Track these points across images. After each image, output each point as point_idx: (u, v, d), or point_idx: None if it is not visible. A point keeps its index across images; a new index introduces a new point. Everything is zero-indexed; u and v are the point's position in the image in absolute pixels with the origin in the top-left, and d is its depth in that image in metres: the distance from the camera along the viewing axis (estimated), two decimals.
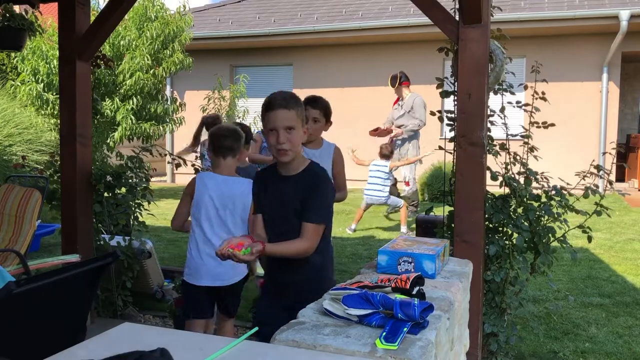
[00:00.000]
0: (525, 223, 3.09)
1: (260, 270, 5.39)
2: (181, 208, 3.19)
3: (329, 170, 3.36)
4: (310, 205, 2.33)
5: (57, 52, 4.34)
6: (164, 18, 10.37)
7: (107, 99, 9.64)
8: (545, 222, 3.16)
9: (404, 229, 7.53)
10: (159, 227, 7.48)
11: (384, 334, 1.50)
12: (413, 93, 8.37)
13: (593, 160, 3.71)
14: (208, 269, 3.04)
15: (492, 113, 3.16)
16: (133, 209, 4.17)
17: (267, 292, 2.61)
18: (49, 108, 9.39)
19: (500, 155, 3.21)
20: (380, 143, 7.91)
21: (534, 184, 3.19)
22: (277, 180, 2.45)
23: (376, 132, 8.23)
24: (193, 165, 4.36)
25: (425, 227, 4.59)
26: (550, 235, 3.14)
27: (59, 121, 4.09)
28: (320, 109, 3.37)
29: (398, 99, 8.47)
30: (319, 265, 2.44)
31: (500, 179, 3.16)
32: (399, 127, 8.38)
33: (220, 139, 3.11)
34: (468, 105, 2.92)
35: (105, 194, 4.07)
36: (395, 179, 7.93)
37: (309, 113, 3.29)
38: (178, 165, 4.30)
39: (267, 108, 2.33)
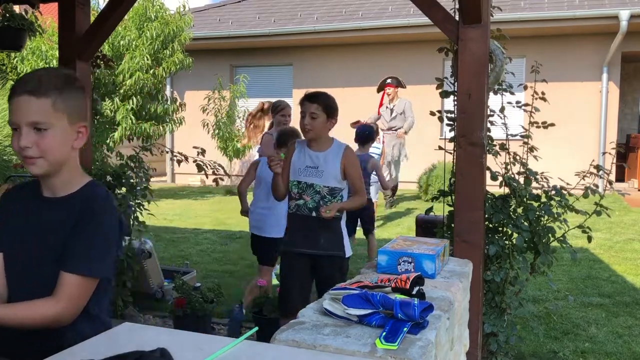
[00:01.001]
0: (525, 223, 3.09)
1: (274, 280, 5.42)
2: (247, 176, 4.40)
3: (337, 175, 3.10)
4: (75, 246, 1.54)
5: (57, 52, 4.34)
6: (163, 18, 10.38)
7: (107, 99, 9.64)
8: (545, 222, 3.15)
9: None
10: (159, 227, 7.48)
11: (384, 334, 1.50)
12: (402, 97, 9.07)
13: (593, 160, 3.71)
14: (251, 221, 4.28)
15: (492, 113, 3.16)
16: (133, 208, 4.16)
17: None
18: None
19: (500, 155, 3.21)
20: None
21: (534, 184, 3.19)
22: (37, 204, 1.65)
23: (357, 124, 8.65)
24: (195, 161, 4.35)
25: (425, 227, 4.58)
26: (550, 235, 3.14)
27: None
28: (318, 102, 3.08)
29: (383, 102, 9.05)
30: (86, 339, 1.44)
31: (500, 179, 3.16)
32: (391, 128, 9.08)
33: (283, 137, 4.34)
34: (468, 105, 2.92)
35: None
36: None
37: (306, 108, 3.10)
38: (180, 162, 4.28)
39: (11, 93, 1.55)
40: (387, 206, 9.28)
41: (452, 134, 3.11)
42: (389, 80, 9.26)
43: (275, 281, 5.39)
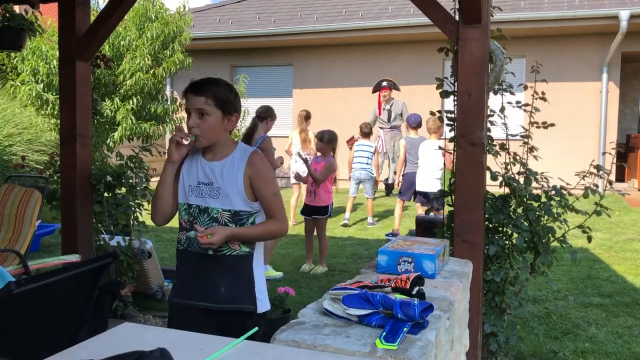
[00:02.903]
0: (525, 223, 3.10)
1: (274, 273, 5.48)
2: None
3: (240, 192, 2.24)
4: None
5: (57, 52, 4.34)
6: (164, 18, 10.37)
7: (107, 99, 9.64)
8: (545, 222, 3.16)
9: (370, 219, 8.16)
10: (159, 227, 7.47)
11: (384, 334, 1.50)
12: (396, 99, 9.48)
13: (593, 160, 3.71)
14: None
15: (492, 113, 3.17)
16: (133, 208, 4.17)
17: None
18: (49, 108, 9.39)
19: (500, 155, 3.21)
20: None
21: (534, 184, 3.19)
22: None
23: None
24: None
25: (425, 227, 4.58)
26: (550, 235, 3.14)
27: (59, 121, 4.09)
28: (207, 95, 2.21)
29: (380, 104, 9.30)
30: None
31: (500, 179, 3.17)
32: (394, 127, 9.42)
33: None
34: (468, 105, 2.92)
35: (105, 194, 4.07)
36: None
37: (191, 103, 2.23)
38: None
39: None
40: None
41: (452, 134, 3.11)
42: (384, 84, 9.37)
43: (272, 272, 5.46)
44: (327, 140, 5.83)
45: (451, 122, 3.15)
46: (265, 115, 5.55)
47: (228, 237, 2.20)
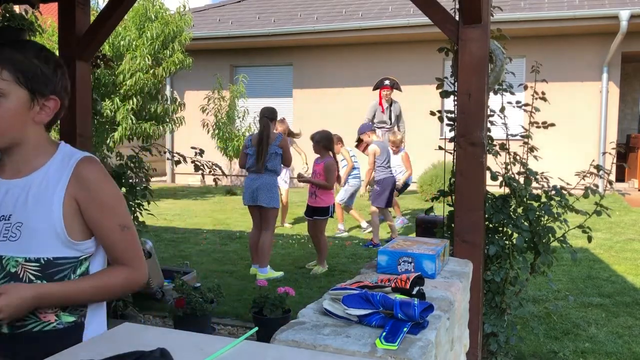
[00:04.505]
0: (525, 223, 3.09)
1: (274, 274, 5.48)
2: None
3: (56, 228, 1.39)
4: None
5: (57, 52, 4.34)
6: (163, 18, 10.38)
7: (107, 99, 9.65)
8: (545, 222, 3.16)
9: (364, 224, 7.91)
10: (159, 227, 7.49)
11: (384, 334, 1.50)
12: (395, 99, 9.08)
13: (593, 160, 3.71)
14: None
15: (492, 113, 3.16)
16: (133, 209, 4.16)
17: None
18: None
19: (500, 155, 3.21)
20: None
21: (534, 184, 3.19)
22: None
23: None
24: (193, 162, 4.36)
25: (425, 227, 4.59)
26: (550, 235, 3.14)
27: (58, 121, 4.09)
28: (4, 65, 1.40)
29: (382, 102, 9.02)
30: None
31: (500, 179, 3.17)
32: (398, 127, 9.11)
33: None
34: (468, 105, 2.92)
35: None
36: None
37: None
38: (178, 162, 4.28)
39: None
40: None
41: (452, 134, 3.11)
42: (386, 82, 9.29)
43: (272, 274, 5.46)
44: (316, 141, 5.82)
45: (451, 122, 3.15)
46: (275, 116, 5.67)
47: (29, 302, 1.35)
